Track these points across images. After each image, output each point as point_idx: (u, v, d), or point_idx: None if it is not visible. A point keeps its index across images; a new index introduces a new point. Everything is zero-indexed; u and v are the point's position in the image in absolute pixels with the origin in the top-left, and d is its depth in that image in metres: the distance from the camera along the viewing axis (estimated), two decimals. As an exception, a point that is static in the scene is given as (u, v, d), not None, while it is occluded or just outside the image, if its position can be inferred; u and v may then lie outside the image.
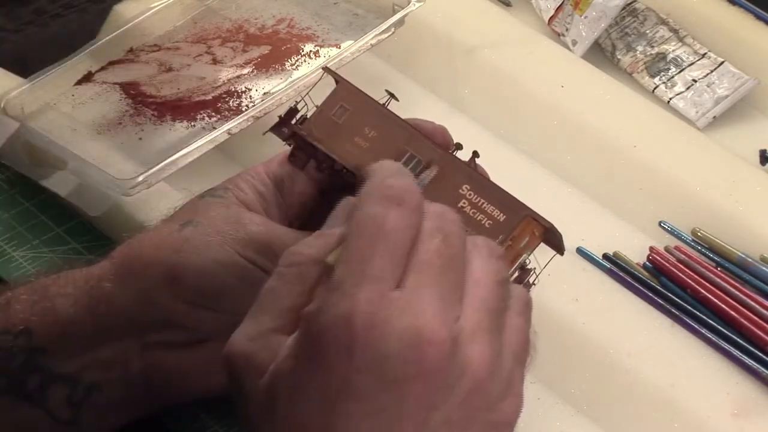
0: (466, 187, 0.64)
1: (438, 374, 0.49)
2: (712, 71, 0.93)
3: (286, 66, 0.87)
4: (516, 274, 0.64)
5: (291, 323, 0.52)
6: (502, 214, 0.63)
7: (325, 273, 0.51)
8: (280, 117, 0.68)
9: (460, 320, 0.50)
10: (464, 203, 0.64)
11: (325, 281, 0.50)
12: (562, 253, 0.66)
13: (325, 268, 0.51)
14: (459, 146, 0.67)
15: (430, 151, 0.65)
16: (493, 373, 0.50)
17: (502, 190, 0.64)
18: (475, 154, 0.65)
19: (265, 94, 0.84)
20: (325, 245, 0.53)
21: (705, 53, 0.95)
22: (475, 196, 0.63)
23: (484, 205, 0.63)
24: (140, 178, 0.78)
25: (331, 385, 0.48)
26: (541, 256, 0.64)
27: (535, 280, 0.65)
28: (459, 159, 0.65)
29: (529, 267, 0.64)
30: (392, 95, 0.68)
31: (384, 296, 0.49)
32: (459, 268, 0.52)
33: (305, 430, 0.49)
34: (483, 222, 0.63)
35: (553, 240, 0.65)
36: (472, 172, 0.64)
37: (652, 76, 0.94)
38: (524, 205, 0.63)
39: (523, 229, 0.63)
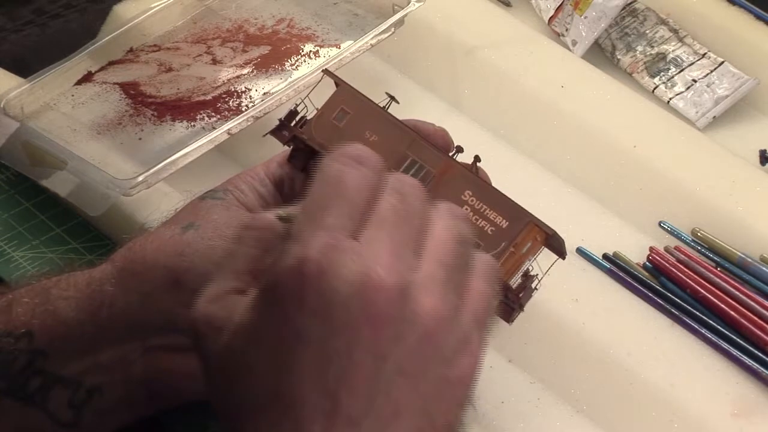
0: (468, 193, 0.64)
1: (386, 321, 0.48)
2: (712, 71, 0.93)
3: (286, 66, 0.87)
4: (519, 280, 0.64)
5: (249, 284, 0.52)
6: (504, 221, 0.63)
7: (281, 230, 0.52)
8: (280, 120, 0.68)
9: (414, 272, 0.50)
10: (466, 209, 0.63)
11: (283, 239, 0.50)
12: (564, 258, 0.66)
13: (282, 222, 0.52)
14: (460, 149, 0.66)
15: (432, 156, 0.65)
16: (445, 326, 0.50)
17: (505, 196, 0.64)
18: (477, 158, 0.65)
19: (264, 94, 0.84)
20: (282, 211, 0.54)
21: (705, 53, 0.95)
22: (478, 202, 0.63)
23: (487, 211, 0.63)
24: (140, 178, 0.78)
25: (283, 332, 0.48)
26: (542, 259, 0.65)
27: (537, 285, 0.65)
28: (461, 164, 0.65)
29: (532, 273, 0.65)
30: (392, 98, 0.67)
31: (337, 245, 0.49)
32: (415, 225, 0.52)
33: (257, 381, 0.49)
34: (486, 228, 0.63)
35: (555, 245, 0.65)
36: (475, 177, 0.64)
37: (652, 76, 0.94)
38: (527, 211, 0.63)
39: (526, 236, 0.63)
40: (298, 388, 0.48)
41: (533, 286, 0.65)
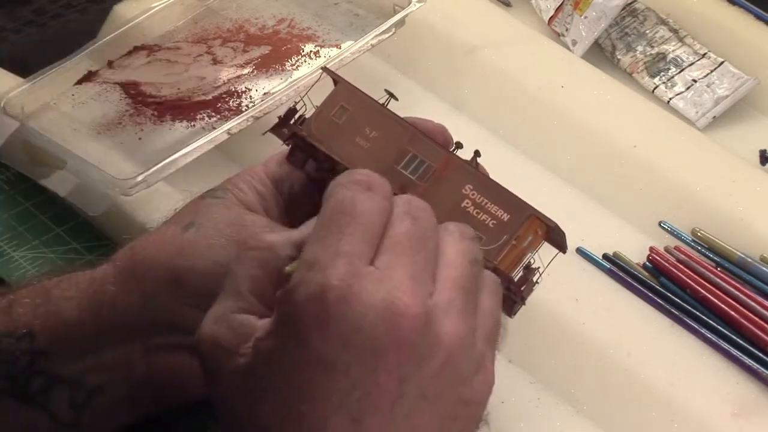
0: (469, 187, 0.64)
1: (411, 347, 0.49)
2: (712, 71, 0.93)
3: (287, 66, 0.87)
4: (521, 273, 0.64)
5: (253, 305, 0.52)
6: (506, 214, 0.63)
7: (282, 251, 0.53)
8: (279, 117, 0.68)
9: (434, 297, 0.51)
10: (467, 203, 0.63)
11: (299, 263, 0.51)
12: (564, 251, 0.66)
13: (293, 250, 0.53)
14: (459, 145, 0.66)
15: (432, 151, 0.65)
16: (465, 349, 0.51)
17: (505, 189, 0.64)
18: (477, 153, 0.65)
19: (265, 94, 0.84)
20: (286, 234, 0.54)
21: (705, 53, 0.95)
22: (479, 195, 0.63)
23: (488, 204, 0.63)
24: (140, 178, 0.78)
25: (307, 361, 0.49)
26: (542, 253, 0.64)
27: (538, 278, 0.65)
28: (461, 158, 0.65)
29: (534, 266, 0.64)
30: (391, 95, 0.67)
31: (357, 271, 0.49)
32: (430, 249, 0.52)
33: (278, 404, 0.50)
34: (487, 222, 0.63)
35: (557, 238, 0.65)
36: (475, 171, 0.64)
37: (652, 76, 0.94)
38: (528, 204, 0.63)
39: (527, 228, 0.63)
40: (321, 412, 0.49)
41: (535, 279, 0.65)
